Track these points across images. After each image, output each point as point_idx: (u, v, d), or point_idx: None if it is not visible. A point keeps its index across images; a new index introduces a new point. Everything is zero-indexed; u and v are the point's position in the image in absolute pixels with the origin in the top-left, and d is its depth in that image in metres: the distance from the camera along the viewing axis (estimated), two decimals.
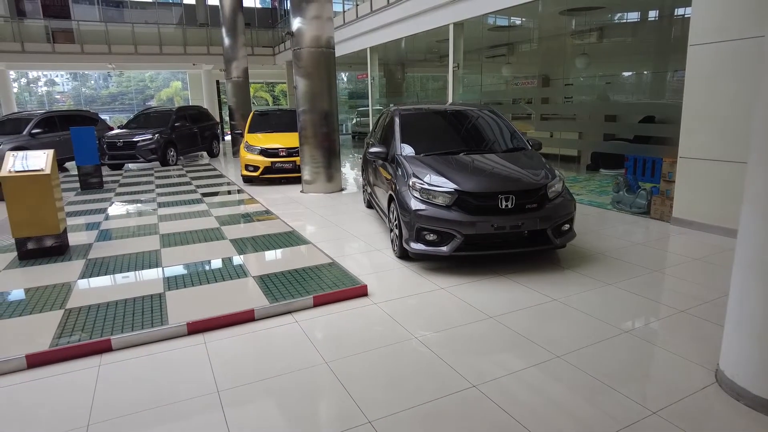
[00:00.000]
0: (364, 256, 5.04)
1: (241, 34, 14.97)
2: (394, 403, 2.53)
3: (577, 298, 3.81)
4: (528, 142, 5.39)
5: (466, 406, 2.50)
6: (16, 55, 17.58)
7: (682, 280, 4.21)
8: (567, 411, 2.45)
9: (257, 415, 2.50)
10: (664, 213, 6.11)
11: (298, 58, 8.28)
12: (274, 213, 6.95)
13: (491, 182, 4.36)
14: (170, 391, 2.71)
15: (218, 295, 3.96)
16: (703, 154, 5.48)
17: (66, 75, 37.68)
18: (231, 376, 2.85)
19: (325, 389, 2.70)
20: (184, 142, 13.97)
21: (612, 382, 2.67)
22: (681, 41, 9.32)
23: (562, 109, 11.12)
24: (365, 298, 3.91)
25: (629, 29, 10.98)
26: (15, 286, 4.31)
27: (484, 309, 3.64)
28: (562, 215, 4.43)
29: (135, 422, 2.46)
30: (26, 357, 3.03)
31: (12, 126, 12.21)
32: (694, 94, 5.54)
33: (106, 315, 3.59)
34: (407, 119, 5.56)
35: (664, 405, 2.45)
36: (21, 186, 4.88)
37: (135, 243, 5.56)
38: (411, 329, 3.36)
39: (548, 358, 2.93)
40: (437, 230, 4.24)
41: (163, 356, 3.12)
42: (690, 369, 2.79)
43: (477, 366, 2.87)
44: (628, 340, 3.16)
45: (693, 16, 5.45)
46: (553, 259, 4.77)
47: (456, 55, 9.59)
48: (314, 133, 8.43)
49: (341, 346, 3.16)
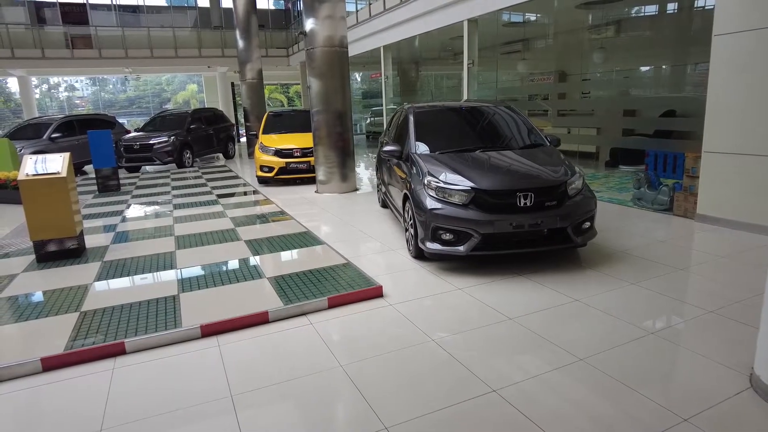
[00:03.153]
0: (379, 256, 4.96)
1: (255, 36, 15.01)
2: (411, 408, 2.45)
3: (600, 299, 3.69)
4: (546, 138, 5.26)
5: (486, 411, 2.40)
6: (37, 62, 17.92)
7: (710, 279, 4.05)
8: (593, 417, 2.34)
9: (271, 419, 2.44)
10: (688, 209, 5.92)
11: (311, 58, 8.24)
12: (289, 213, 6.92)
13: (509, 179, 4.25)
14: (184, 395, 2.67)
15: (232, 296, 3.92)
16: (730, 148, 5.29)
17: (85, 80, 38.36)
18: (245, 379, 2.80)
19: (340, 393, 2.64)
20: (199, 144, 14.06)
21: (639, 386, 2.55)
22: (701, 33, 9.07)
23: (580, 105, 10.92)
24: (381, 299, 3.83)
25: (647, 22, 10.72)
26: (32, 288, 4.33)
27: (503, 310, 3.54)
28: (583, 213, 4.30)
29: (148, 426, 2.42)
30: (41, 360, 3.02)
31: (32, 131, 12.42)
32: (719, 86, 5.35)
33: (120, 318, 3.57)
34: (421, 117, 5.47)
35: (696, 411, 2.32)
36: (38, 189, 4.92)
37: (150, 245, 5.57)
38: (428, 331, 3.27)
39: (571, 361, 2.82)
40: (454, 229, 4.15)
41: (177, 359, 3.08)
42: (722, 373, 2.65)
43: (497, 369, 2.78)
44: (654, 343, 3.03)
45: (717, 5, 5.26)
46: (574, 258, 4.64)
47: (471, 52, 9.45)
48: (328, 133, 8.39)
49: (357, 349, 3.09)
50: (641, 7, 10.61)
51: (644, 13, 10.72)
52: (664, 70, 10.72)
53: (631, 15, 10.84)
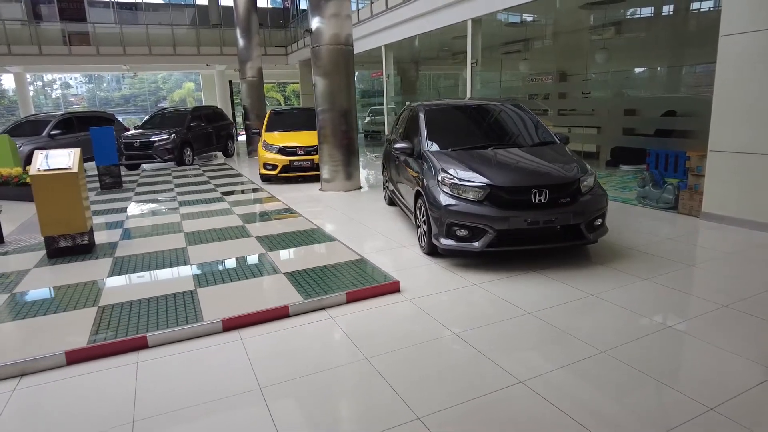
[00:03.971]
0: (391, 252, 4.99)
1: (256, 35, 14.99)
2: (441, 398, 2.49)
3: (615, 294, 3.74)
4: (555, 136, 5.31)
5: (514, 402, 2.44)
6: (34, 58, 17.78)
7: (720, 275, 4.11)
8: (620, 405, 2.39)
9: (303, 410, 2.47)
10: (693, 208, 5.99)
11: (317, 56, 8.25)
12: (296, 211, 6.93)
13: (524, 176, 4.30)
14: (212, 388, 2.69)
15: (250, 291, 3.94)
16: (736, 147, 5.37)
17: (80, 77, 38.07)
18: (271, 371, 2.82)
19: (368, 385, 2.66)
20: (199, 142, 14.03)
21: (662, 377, 2.60)
22: (703, 34, 9.17)
23: (581, 105, 11.00)
24: (398, 294, 3.86)
25: (649, 23, 10.82)
26: (47, 284, 4.33)
27: (521, 304, 3.58)
28: (595, 210, 4.35)
29: (181, 417, 2.44)
30: (65, 353, 3.03)
31: (31, 127, 12.36)
32: (726, 85, 5.42)
33: (139, 312, 3.58)
34: (432, 115, 5.50)
35: (721, 401, 2.38)
36: (50, 184, 4.91)
37: (160, 241, 5.57)
38: (448, 325, 3.31)
39: (593, 353, 2.87)
40: (468, 225, 4.19)
41: (201, 353, 3.10)
42: (742, 364, 2.71)
43: (521, 362, 2.82)
44: (673, 336, 3.09)
45: (724, 5, 5.34)
46: (585, 254, 4.69)
47: (474, 52, 9.50)
48: (333, 131, 8.40)
49: (380, 342, 3.12)
50: (643, 7, 10.71)
51: (645, 15, 10.81)
52: (664, 70, 10.83)
53: (632, 16, 10.94)
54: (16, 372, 2.92)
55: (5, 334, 3.36)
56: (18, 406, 2.61)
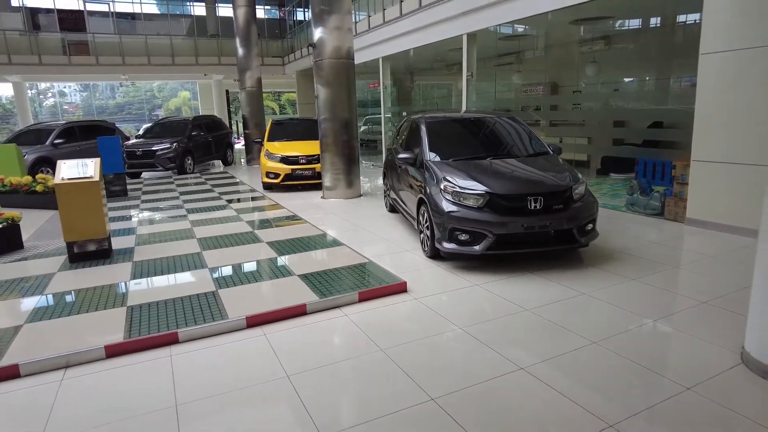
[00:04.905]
0: (396, 256, 5.31)
1: (255, 45, 15.33)
2: (451, 383, 2.80)
3: (605, 292, 4.08)
4: (549, 147, 5.67)
5: (517, 384, 2.76)
6: (34, 68, 18.01)
7: (701, 275, 4.47)
8: (609, 386, 2.71)
9: (328, 394, 2.77)
10: (678, 214, 6.38)
11: (319, 68, 8.60)
12: (302, 217, 7.23)
13: (521, 185, 4.65)
14: (244, 376, 2.98)
15: (268, 292, 4.24)
16: (717, 158, 5.76)
17: (75, 86, 38.16)
18: (297, 362, 3.11)
19: (387, 373, 2.97)
20: (200, 150, 14.32)
21: (647, 363, 2.94)
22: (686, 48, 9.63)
23: (572, 116, 11.42)
24: (405, 294, 4.18)
25: (637, 36, 11.29)
26: (74, 286, 4.59)
27: (519, 302, 3.91)
28: (587, 215, 4.71)
29: (220, 401, 2.73)
30: (105, 347, 3.31)
31: (34, 136, 12.56)
32: (706, 100, 5.82)
33: (166, 311, 3.86)
34: (433, 127, 5.85)
35: (697, 382, 2.71)
36: (73, 192, 5.18)
37: (175, 246, 5.84)
38: (454, 321, 3.62)
39: (585, 344, 3.20)
40: (470, 230, 4.52)
41: (229, 347, 3.39)
42: (717, 352, 3.05)
43: (521, 351, 3.14)
44: (657, 328, 3.43)
45: (704, 26, 5.75)
46: (577, 257, 5.04)
47: (470, 65, 9.89)
48: (335, 140, 8.73)
49: (393, 336, 3.43)
50: (629, 22, 11.17)
51: (633, 28, 11.27)
52: (651, 82, 11.29)
53: (621, 29, 11.40)
54: (62, 364, 3.19)
55: (45, 331, 3.62)
56: (69, 393, 2.88)
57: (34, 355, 3.20)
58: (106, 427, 2.54)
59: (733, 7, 5.47)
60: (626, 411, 2.49)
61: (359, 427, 2.44)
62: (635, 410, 2.49)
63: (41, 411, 2.70)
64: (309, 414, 2.57)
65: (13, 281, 4.76)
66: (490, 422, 2.46)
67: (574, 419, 2.45)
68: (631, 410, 2.49)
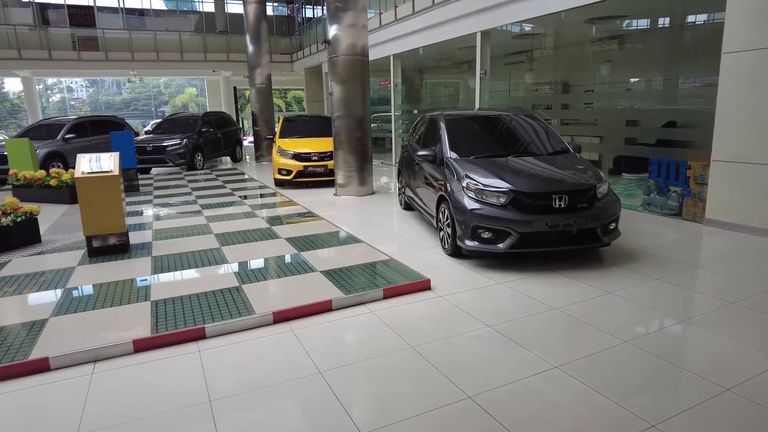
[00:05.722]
0: (416, 253, 5.28)
1: (265, 42, 15.31)
2: (486, 381, 2.78)
3: (630, 292, 4.05)
4: (569, 146, 5.64)
5: (554, 382, 2.74)
6: (44, 63, 18.04)
7: (726, 275, 4.44)
8: (645, 385, 2.68)
9: (366, 392, 2.76)
10: (697, 214, 6.33)
11: (334, 65, 8.57)
12: (317, 214, 7.22)
13: (545, 182, 4.62)
14: (276, 372, 2.96)
15: (292, 287, 4.23)
16: (738, 157, 5.71)
17: (81, 82, 38.25)
18: (328, 358, 3.10)
19: (419, 370, 2.95)
20: (210, 147, 14.32)
21: (682, 363, 2.92)
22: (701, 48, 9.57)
23: (584, 115, 11.38)
24: (429, 292, 4.16)
25: (650, 36, 11.23)
26: (96, 280, 4.58)
27: (546, 301, 3.89)
28: (610, 214, 4.68)
29: (253, 397, 2.72)
30: (133, 342, 3.30)
31: (45, 131, 12.58)
32: (728, 100, 5.78)
33: (191, 306, 3.85)
34: (453, 124, 5.82)
35: (736, 383, 2.68)
36: (93, 186, 5.17)
37: (193, 242, 5.83)
38: (482, 318, 3.60)
39: (618, 343, 3.17)
40: (493, 228, 4.50)
41: (257, 342, 3.37)
42: (750, 353, 3.02)
43: (554, 349, 3.12)
44: (687, 328, 3.40)
45: (726, 25, 5.71)
46: (598, 256, 5.01)
47: (483, 63, 9.85)
48: (348, 138, 8.71)
49: (421, 333, 3.41)
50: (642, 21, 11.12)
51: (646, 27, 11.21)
52: (664, 82, 11.23)
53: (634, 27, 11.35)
54: (91, 358, 3.18)
55: (71, 324, 3.62)
56: (101, 387, 2.87)
57: (62, 348, 3.20)
58: (142, 421, 2.53)
59: (756, 6, 5.42)
60: (668, 411, 2.47)
61: (401, 424, 2.42)
62: (677, 410, 2.47)
63: (75, 404, 2.69)
64: (345, 410, 2.56)
65: (35, 274, 4.76)
66: (531, 420, 2.44)
67: (616, 418, 2.43)
68: (673, 410, 2.47)
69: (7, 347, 3.23)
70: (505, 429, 2.37)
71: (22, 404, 2.74)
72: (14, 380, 2.94)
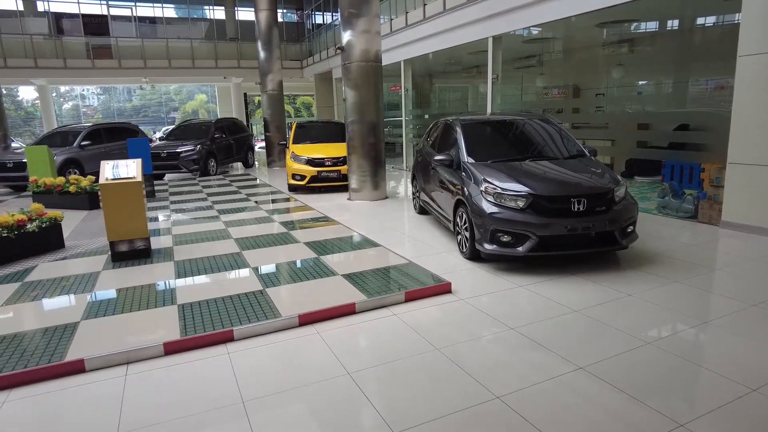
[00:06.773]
0: (434, 257, 5.34)
1: (276, 48, 15.47)
2: (513, 382, 2.83)
3: (650, 294, 4.08)
4: (585, 149, 5.68)
5: (580, 383, 2.78)
6: (59, 71, 18.36)
7: (745, 278, 4.45)
8: (671, 386, 2.72)
9: (395, 393, 2.81)
10: (713, 217, 6.34)
11: (347, 71, 8.67)
12: (333, 219, 7.29)
13: (564, 186, 4.67)
14: (305, 373, 3.03)
15: (315, 291, 4.29)
16: (754, 160, 5.72)
17: (93, 89, 38.75)
18: (356, 360, 3.16)
19: (446, 371, 3.00)
20: (222, 152, 14.49)
21: (706, 364, 2.94)
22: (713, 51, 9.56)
23: (595, 118, 11.39)
24: (450, 295, 4.21)
25: (661, 39, 11.24)
26: (122, 284, 4.67)
27: (567, 303, 3.92)
28: (628, 217, 4.71)
29: (286, 398, 2.78)
30: (163, 344, 3.38)
31: (61, 138, 12.79)
32: (744, 103, 5.79)
33: (218, 309, 3.92)
34: (470, 129, 5.89)
35: (762, 383, 2.71)
36: (116, 193, 5.28)
37: (213, 246, 5.92)
38: (505, 321, 3.65)
39: (640, 345, 3.21)
40: (512, 232, 4.54)
41: (285, 344, 3.44)
42: None
43: (578, 351, 3.16)
44: (710, 330, 3.42)
45: (742, 27, 5.73)
46: (616, 259, 5.03)
47: (495, 67, 9.91)
48: (362, 143, 8.80)
49: (445, 336, 3.46)
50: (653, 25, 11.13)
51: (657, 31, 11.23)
52: (677, 85, 11.22)
53: (643, 32, 11.37)
54: (123, 360, 3.26)
55: (102, 327, 3.71)
56: (136, 387, 2.95)
57: (95, 351, 3.28)
58: (179, 421, 2.60)
59: None
60: (695, 411, 2.50)
61: (432, 423, 2.48)
62: (704, 410, 2.50)
63: (113, 404, 2.77)
64: (377, 410, 2.62)
65: (62, 279, 4.87)
66: (560, 420, 2.48)
67: (643, 418, 2.46)
68: (700, 410, 2.50)
69: (42, 349, 3.32)
70: (535, 428, 2.41)
71: (61, 404, 2.82)
72: (52, 381, 3.03)
